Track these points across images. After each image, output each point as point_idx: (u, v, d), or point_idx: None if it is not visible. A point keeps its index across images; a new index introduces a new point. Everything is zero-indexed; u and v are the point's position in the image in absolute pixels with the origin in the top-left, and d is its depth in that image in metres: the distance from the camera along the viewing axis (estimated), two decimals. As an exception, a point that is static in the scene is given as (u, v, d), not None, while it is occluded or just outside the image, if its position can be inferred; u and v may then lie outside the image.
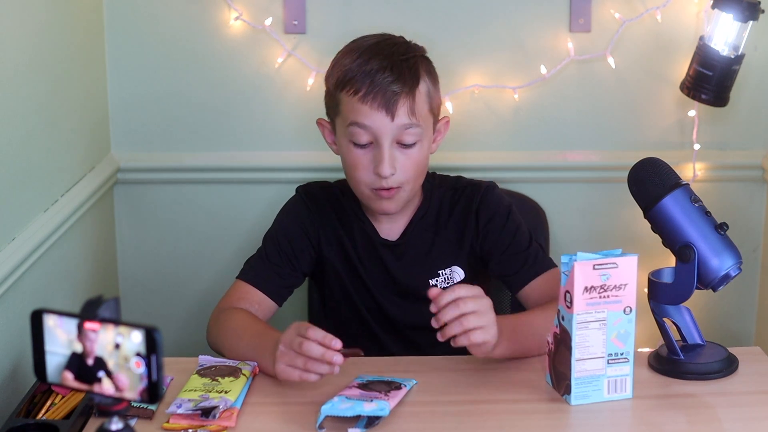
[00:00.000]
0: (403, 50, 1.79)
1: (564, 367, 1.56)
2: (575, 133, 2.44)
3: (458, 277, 1.88)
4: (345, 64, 1.78)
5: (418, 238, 1.88)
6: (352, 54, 1.78)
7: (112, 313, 1.12)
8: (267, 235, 1.91)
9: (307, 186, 1.95)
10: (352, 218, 1.89)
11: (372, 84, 1.73)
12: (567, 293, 1.53)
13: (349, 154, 1.79)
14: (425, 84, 1.78)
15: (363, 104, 1.74)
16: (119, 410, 1.15)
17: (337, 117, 1.81)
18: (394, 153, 1.76)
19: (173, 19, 2.35)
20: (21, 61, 1.82)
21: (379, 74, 1.73)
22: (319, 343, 1.51)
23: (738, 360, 1.69)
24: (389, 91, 1.73)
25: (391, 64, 1.75)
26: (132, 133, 2.41)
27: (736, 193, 2.47)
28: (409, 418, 1.53)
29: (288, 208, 1.93)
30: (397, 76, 1.74)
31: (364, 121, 1.74)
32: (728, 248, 1.64)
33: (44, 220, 1.91)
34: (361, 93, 1.73)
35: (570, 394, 1.55)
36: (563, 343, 1.55)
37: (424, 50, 1.85)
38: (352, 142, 1.77)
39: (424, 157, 1.80)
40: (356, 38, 1.84)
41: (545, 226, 2.22)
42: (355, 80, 1.74)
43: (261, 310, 1.82)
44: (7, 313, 1.71)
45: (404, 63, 1.76)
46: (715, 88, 2.23)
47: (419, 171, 1.80)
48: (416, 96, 1.75)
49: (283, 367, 1.55)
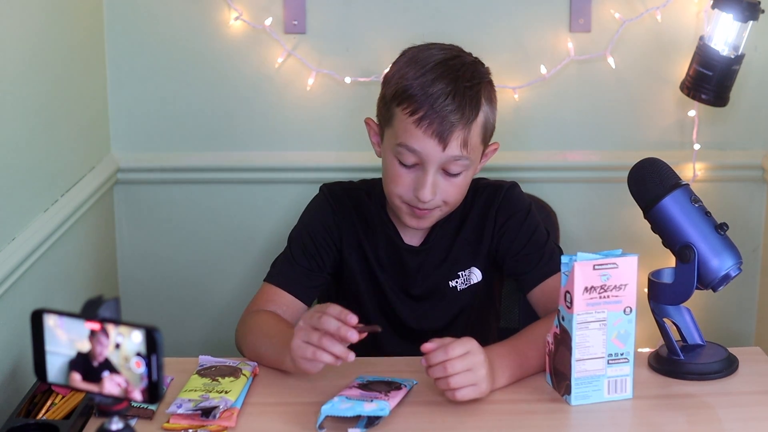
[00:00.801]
0: (469, 75, 1.72)
1: (564, 367, 1.56)
2: (575, 133, 2.44)
3: (476, 278, 1.87)
4: (408, 77, 1.71)
5: (441, 242, 1.87)
6: (417, 67, 1.72)
7: (112, 313, 1.12)
8: (292, 234, 1.89)
9: (331, 185, 1.92)
10: (377, 222, 1.87)
11: (431, 109, 1.67)
12: (567, 293, 1.53)
13: (392, 168, 1.75)
14: (483, 114, 1.73)
15: (417, 128, 1.69)
16: (119, 410, 1.15)
17: (387, 128, 1.76)
18: (438, 179, 1.72)
19: (173, 19, 2.35)
20: (21, 61, 1.82)
21: (441, 100, 1.67)
22: (335, 318, 1.50)
23: (738, 360, 1.69)
24: (447, 121, 1.67)
25: (455, 90, 1.68)
26: (132, 133, 2.41)
27: (736, 193, 2.47)
28: (409, 418, 1.53)
29: (312, 207, 1.91)
30: (458, 105, 1.68)
31: (415, 145, 1.70)
32: (728, 248, 1.64)
33: (44, 220, 1.91)
34: (418, 116, 1.68)
35: (570, 394, 1.55)
36: (563, 344, 1.56)
37: (489, 72, 1.79)
38: (398, 160, 1.74)
39: (466, 184, 1.78)
40: (423, 45, 1.77)
41: (555, 226, 2.22)
42: (415, 100, 1.69)
43: (289, 311, 1.80)
44: (7, 313, 1.71)
45: (467, 91, 1.70)
46: (715, 88, 2.23)
47: (460, 196, 1.78)
48: (472, 128, 1.70)
49: (298, 342, 1.52)
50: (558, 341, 1.57)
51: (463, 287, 1.87)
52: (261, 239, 2.44)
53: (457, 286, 1.87)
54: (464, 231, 1.87)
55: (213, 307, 2.49)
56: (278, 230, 2.40)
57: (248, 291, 1.90)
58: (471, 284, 1.88)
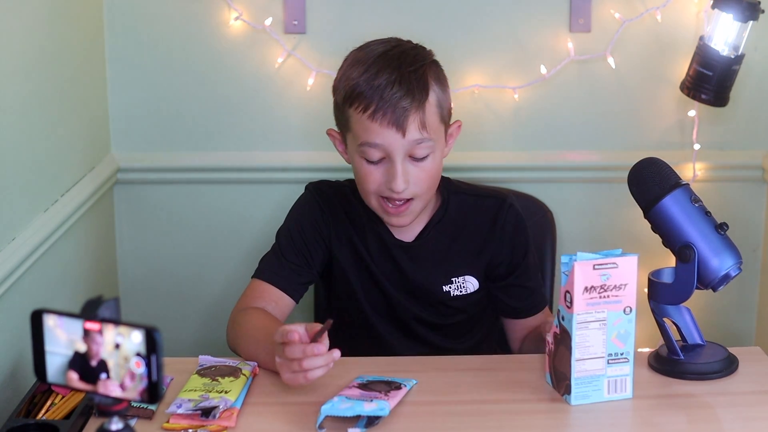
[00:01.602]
0: (411, 59, 1.75)
1: (564, 367, 1.56)
2: (575, 133, 2.44)
3: (471, 287, 1.87)
4: (352, 77, 1.74)
5: (434, 242, 1.87)
6: (358, 66, 1.75)
7: (112, 313, 1.12)
8: (280, 231, 1.90)
9: (317, 184, 1.93)
10: (364, 219, 1.87)
11: (381, 100, 1.69)
12: (567, 293, 1.53)
13: (361, 168, 1.77)
14: (434, 93, 1.75)
15: (373, 122, 1.71)
16: (119, 410, 1.15)
17: (347, 132, 1.78)
18: (407, 167, 1.74)
19: (173, 19, 2.35)
20: (21, 61, 1.82)
21: (388, 89, 1.70)
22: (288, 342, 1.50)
23: (738, 360, 1.69)
24: (399, 107, 1.70)
25: (400, 77, 1.71)
26: (132, 133, 2.41)
27: (736, 193, 2.47)
28: (409, 418, 1.53)
29: (300, 205, 1.92)
30: (406, 90, 1.70)
31: (376, 140, 1.72)
32: (728, 248, 1.64)
33: (44, 220, 1.91)
34: (371, 110, 1.70)
35: (570, 394, 1.55)
36: (563, 343, 1.55)
37: (432, 54, 1.81)
38: (365, 159, 1.75)
39: (437, 167, 1.78)
40: (363, 45, 1.80)
41: (552, 226, 2.22)
42: (364, 96, 1.71)
43: (279, 307, 1.81)
44: (7, 313, 1.71)
45: (413, 75, 1.72)
46: (715, 88, 2.23)
47: (433, 181, 1.79)
48: (426, 108, 1.72)
49: (287, 377, 1.54)
50: (558, 341, 1.57)
51: (456, 293, 1.87)
52: (261, 239, 2.44)
53: (451, 292, 1.87)
54: (463, 237, 1.87)
55: (213, 306, 2.49)
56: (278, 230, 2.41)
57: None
58: (467, 292, 1.87)
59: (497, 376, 1.67)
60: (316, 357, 1.49)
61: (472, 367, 1.71)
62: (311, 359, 1.49)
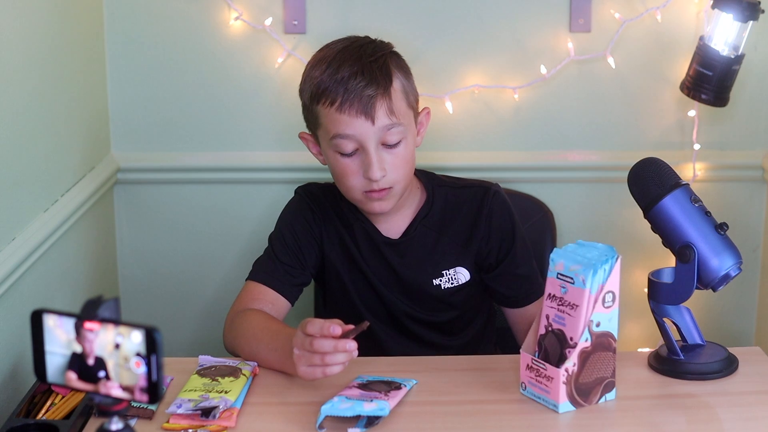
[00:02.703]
0: (371, 51, 1.78)
1: (600, 372, 1.55)
2: (575, 133, 2.44)
3: (463, 278, 1.88)
4: (315, 76, 1.77)
5: (421, 237, 1.88)
6: (320, 65, 1.78)
7: (112, 313, 1.12)
8: (273, 235, 1.91)
9: (306, 186, 1.95)
10: (352, 218, 1.89)
11: (346, 92, 1.72)
12: (610, 293, 1.53)
13: (337, 164, 1.79)
14: (399, 80, 1.78)
15: (341, 114, 1.73)
16: (119, 410, 1.15)
17: (318, 130, 1.81)
18: (382, 155, 1.75)
19: (173, 19, 2.35)
20: (21, 61, 1.82)
21: (352, 80, 1.73)
22: (320, 334, 1.51)
23: (738, 360, 1.69)
24: (364, 95, 1.72)
25: (362, 67, 1.74)
26: (132, 133, 2.41)
27: (736, 193, 2.47)
28: (409, 418, 1.53)
29: (291, 208, 1.93)
30: (370, 78, 1.73)
31: (346, 130, 1.74)
32: (728, 248, 1.64)
33: (44, 220, 1.91)
34: (338, 103, 1.73)
35: (613, 389, 1.57)
36: (598, 350, 1.54)
37: (392, 46, 1.84)
38: (339, 153, 1.77)
39: (410, 153, 1.80)
40: (322, 47, 1.84)
41: (552, 226, 2.22)
42: (329, 91, 1.74)
43: (275, 309, 1.81)
44: (7, 313, 1.71)
45: (374, 64, 1.75)
46: (715, 88, 2.23)
47: (408, 167, 1.80)
48: (392, 94, 1.75)
49: (304, 369, 1.54)
50: (587, 355, 1.54)
51: (448, 286, 1.87)
52: (261, 239, 2.42)
53: (442, 285, 1.87)
54: (451, 230, 1.88)
55: (213, 306, 2.49)
56: (278, 230, 2.41)
57: (248, 291, 1.90)
58: (459, 284, 1.88)
59: (497, 376, 1.67)
60: (340, 353, 1.50)
61: (472, 367, 1.71)
62: (335, 355, 1.50)
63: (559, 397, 1.53)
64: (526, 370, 1.57)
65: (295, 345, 1.55)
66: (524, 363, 1.57)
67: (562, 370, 1.52)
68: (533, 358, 1.55)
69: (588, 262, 1.52)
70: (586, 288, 1.51)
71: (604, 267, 1.52)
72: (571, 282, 1.52)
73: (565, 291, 1.53)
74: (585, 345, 1.53)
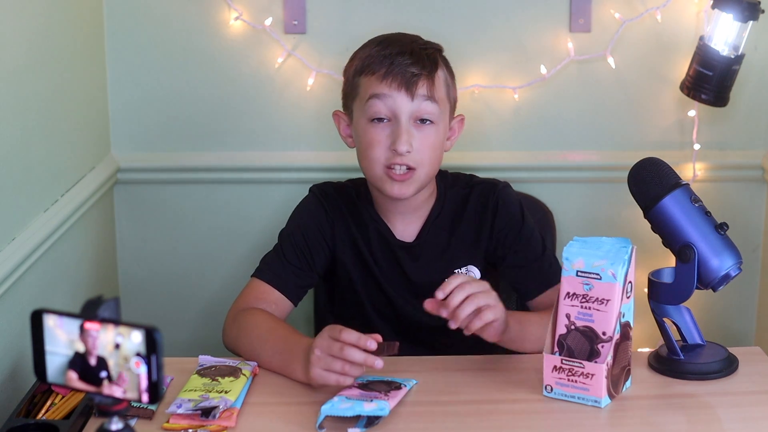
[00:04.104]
0: (423, 42, 1.83)
1: (624, 361, 1.58)
2: (575, 133, 2.44)
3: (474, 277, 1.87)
4: (364, 53, 1.82)
5: (434, 239, 1.87)
6: (371, 45, 1.82)
7: (112, 313, 1.12)
8: (283, 232, 1.90)
9: (322, 186, 1.94)
10: (367, 220, 1.88)
11: (392, 65, 1.76)
12: (630, 283, 1.54)
13: (365, 134, 1.79)
14: (443, 72, 1.82)
15: (382, 83, 1.76)
16: (119, 410, 1.15)
17: (355, 100, 1.82)
18: (411, 130, 1.76)
19: (173, 19, 2.35)
20: (21, 61, 1.82)
21: (399, 57, 1.76)
22: (356, 345, 1.52)
23: (738, 360, 1.69)
24: (408, 72, 1.76)
25: (411, 49, 1.78)
26: (132, 133, 2.41)
27: (736, 193, 2.47)
28: (409, 418, 1.53)
29: (304, 207, 1.92)
30: (416, 59, 1.77)
31: (384, 92, 1.76)
32: (728, 248, 1.64)
33: (44, 220, 1.91)
34: (381, 73, 1.76)
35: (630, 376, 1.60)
36: (624, 340, 1.56)
37: (441, 47, 1.87)
38: (371, 118, 1.77)
39: (439, 143, 1.81)
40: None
41: (552, 226, 2.22)
42: (375, 64, 1.78)
43: (278, 310, 1.80)
44: (7, 313, 1.71)
45: (423, 51, 1.79)
46: (715, 88, 2.23)
47: (434, 155, 1.80)
48: (435, 79, 1.78)
49: (319, 371, 1.54)
50: (617, 347, 1.55)
51: None
52: (261, 239, 2.44)
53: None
54: (461, 229, 1.88)
55: (213, 306, 2.49)
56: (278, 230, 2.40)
57: (248, 291, 1.90)
58: None
59: (497, 376, 1.67)
60: (359, 368, 1.52)
61: (472, 367, 1.71)
62: (356, 367, 1.52)
63: (601, 392, 1.54)
64: (553, 371, 1.57)
65: (319, 347, 1.55)
66: (550, 365, 1.57)
67: (604, 365, 1.53)
68: (563, 359, 1.55)
69: (611, 256, 1.54)
70: (617, 282, 1.52)
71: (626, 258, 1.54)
72: (598, 278, 1.53)
73: (589, 288, 1.53)
74: (617, 337, 1.54)
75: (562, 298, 1.57)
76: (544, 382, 1.58)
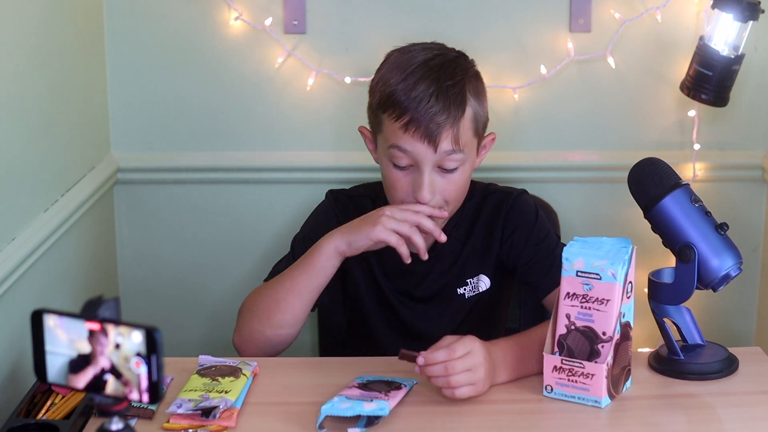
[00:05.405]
0: (451, 73, 1.73)
1: (625, 361, 1.58)
2: (575, 133, 2.44)
3: (484, 285, 1.87)
4: (391, 83, 1.72)
5: (449, 250, 1.85)
6: (398, 72, 1.73)
7: (112, 313, 1.12)
8: (296, 238, 1.89)
9: (337, 193, 1.93)
10: None
11: (416, 113, 1.68)
12: (630, 283, 1.54)
13: (389, 174, 1.76)
14: (471, 108, 1.74)
15: (405, 132, 1.70)
16: (119, 410, 1.15)
17: (379, 135, 1.78)
18: (435, 178, 1.73)
19: (173, 19, 2.35)
20: (21, 60, 1.82)
21: (424, 103, 1.68)
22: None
23: (738, 360, 1.69)
24: (433, 122, 1.68)
25: (437, 90, 1.69)
26: (132, 133, 2.41)
27: (736, 193, 2.47)
28: (409, 418, 1.53)
29: (317, 215, 1.91)
30: (443, 105, 1.69)
31: (406, 147, 1.71)
32: (728, 248, 1.64)
33: (44, 220, 1.91)
34: (404, 121, 1.69)
35: (630, 376, 1.60)
36: (624, 340, 1.56)
37: (473, 65, 1.80)
38: (392, 163, 1.74)
39: (465, 179, 1.78)
40: (405, 47, 1.79)
41: (556, 226, 2.21)
42: (399, 105, 1.70)
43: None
44: (7, 313, 1.71)
45: (450, 90, 1.70)
46: (715, 88, 2.23)
47: (460, 192, 1.78)
48: (461, 125, 1.71)
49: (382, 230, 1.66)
50: (617, 346, 1.55)
51: (470, 294, 1.87)
52: (261, 239, 2.44)
53: (465, 294, 1.86)
54: (473, 238, 1.86)
55: (213, 306, 2.49)
56: (278, 230, 2.41)
57: (248, 290, 1.90)
58: (479, 292, 1.87)
59: (497, 376, 1.67)
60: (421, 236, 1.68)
61: (472, 367, 1.70)
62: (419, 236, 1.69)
63: (601, 392, 1.54)
64: (553, 372, 1.57)
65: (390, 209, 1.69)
66: (550, 365, 1.57)
67: (605, 365, 1.52)
68: (563, 359, 1.55)
69: (611, 256, 1.54)
70: (617, 282, 1.52)
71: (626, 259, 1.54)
72: (598, 278, 1.53)
73: (589, 288, 1.53)
74: (617, 337, 1.54)
75: (562, 298, 1.57)
76: (545, 382, 1.58)
